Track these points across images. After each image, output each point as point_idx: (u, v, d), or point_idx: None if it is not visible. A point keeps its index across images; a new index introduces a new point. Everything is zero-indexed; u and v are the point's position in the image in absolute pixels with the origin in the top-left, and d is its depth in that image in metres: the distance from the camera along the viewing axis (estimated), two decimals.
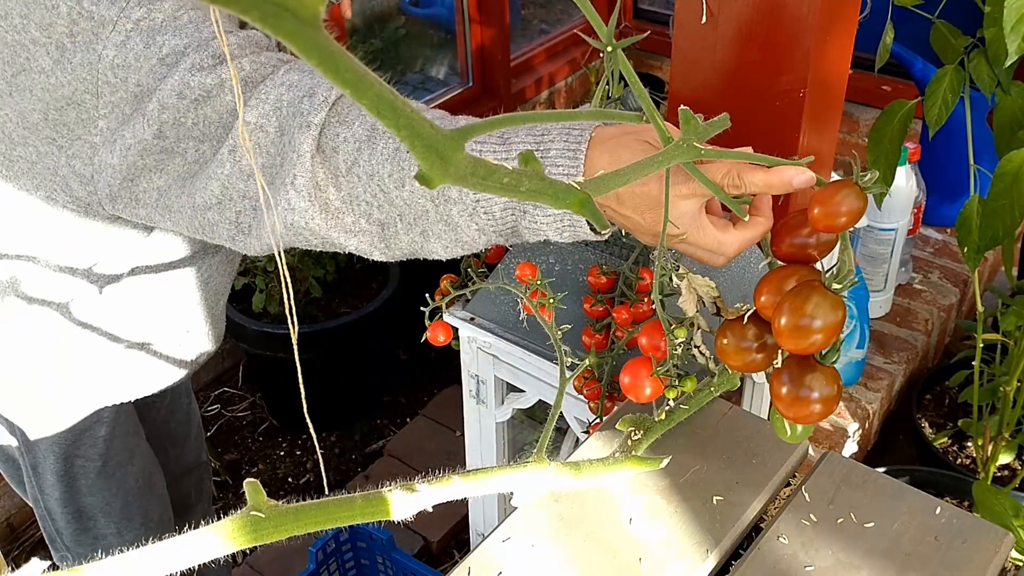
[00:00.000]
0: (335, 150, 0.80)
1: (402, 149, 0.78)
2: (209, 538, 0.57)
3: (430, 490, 0.70)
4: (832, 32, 1.23)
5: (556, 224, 0.79)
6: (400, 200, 0.80)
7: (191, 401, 1.54)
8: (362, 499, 0.67)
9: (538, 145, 0.77)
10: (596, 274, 1.13)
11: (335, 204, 0.82)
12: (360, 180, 0.81)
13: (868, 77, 2.22)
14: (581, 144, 0.76)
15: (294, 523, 0.64)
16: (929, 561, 0.80)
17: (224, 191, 0.84)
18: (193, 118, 0.82)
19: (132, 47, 0.82)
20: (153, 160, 0.85)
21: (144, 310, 1.17)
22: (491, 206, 0.78)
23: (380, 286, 2.26)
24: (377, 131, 0.79)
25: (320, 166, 0.80)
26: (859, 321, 1.94)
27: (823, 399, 0.70)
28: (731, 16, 1.23)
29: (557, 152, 0.76)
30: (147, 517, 1.31)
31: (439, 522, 2.01)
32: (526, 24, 3.56)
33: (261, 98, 0.81)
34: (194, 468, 1.57)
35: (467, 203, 0.79)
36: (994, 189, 1.41)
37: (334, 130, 0.80)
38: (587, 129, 0.77)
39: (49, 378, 1.14)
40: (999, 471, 1.92)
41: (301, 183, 0.80)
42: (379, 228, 0.83)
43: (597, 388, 1.10)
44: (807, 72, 1.22)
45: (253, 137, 0.81)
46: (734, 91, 1.27)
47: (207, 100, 0.82)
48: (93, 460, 1.21)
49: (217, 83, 0.81)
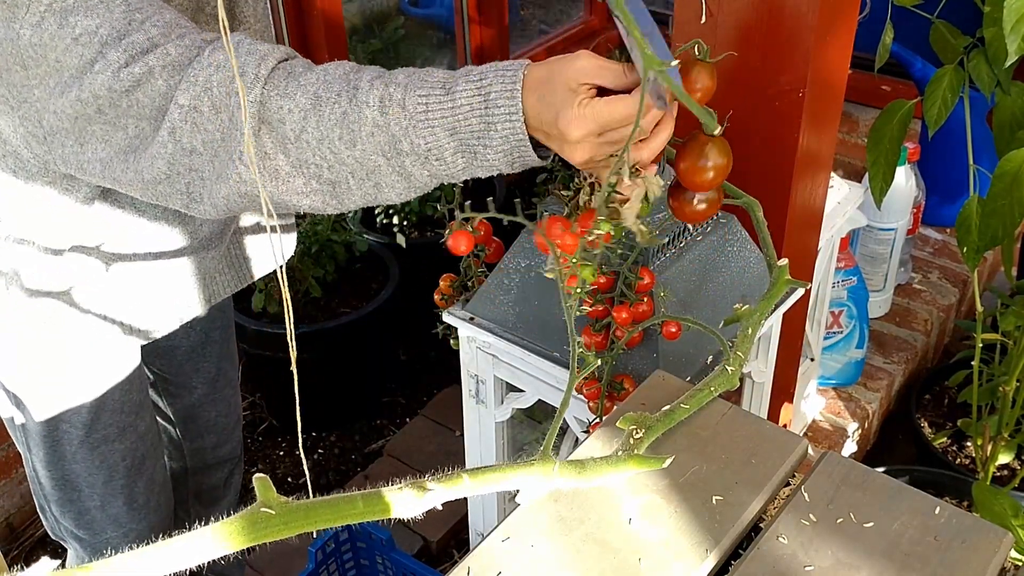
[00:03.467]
0: (281, 121, 0.84)
1: (349, 113, 0.83)
2: (220, 534, 0.57)
3: (441, 488, 0.70)
4: (832, 32, 1.23)
5: (507, 157, 0.83)
6: (352, 159, 0.85)
7: (235, 393, 1.57)
8: (370, 497, 0.67)
9: (479, 90, 0.81)
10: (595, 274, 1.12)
11: (285, 170, 0.86)
12: (309, 145, 0.85)
13: (867, 77, 2.22)
14: (516, 84, 0.81)
15: (304, 520, 0.64)
16: (928, 561, 0.80)
17: (171, 167, 0.89)
18: (127, 102, 0.87)
19: (47, 27, 0.86)
20: (100, 129, 0.89)
21: (132, 275, 1.18)
22: (442, 152, 0.83)
23: (380, 286, 2.26)
24: (321, 99, 0.84)
25: (267, 136, 0.85)
26: (859, 321, 1.95)
27: (716, 167, 0.84)
28: (731, 16, 1.23)
29: (497, 94, 0.81)
30: (131, 498, 1.32)
31: (439, 522, 2.01)
32: (525, 24, 3.56)
33: (191, 80, 0.85)
34: (227, 460, 1.60)
35: (419, 153, 0.83)
36: (994, 189, 1.41)
37: (276, 103, 0.84)
38: (519, 69, 0.81)
39: (33, 347, 1.17)
40: (998, 471, 1.92)
41: (246, 157, 0.85)
42: (330, 187, 0.88)
43: (597, 388, 1.10)
44: (806, 72, 1.22)
45: (189, 118, 0.86)
46: (734, 91, 1.27)
47: (138, 87, 0.86)
48: (76, 427, 1.23)
49: (145, 71, 0.86)
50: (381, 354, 2.32)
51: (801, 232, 1.42)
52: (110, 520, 1.32)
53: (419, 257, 2.38)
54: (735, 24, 1.23)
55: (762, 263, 1.23)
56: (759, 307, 1.02)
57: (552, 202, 1.23)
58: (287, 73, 0.85)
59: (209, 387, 1.49)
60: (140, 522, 1.34)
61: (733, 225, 1.26)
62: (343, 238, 2.25)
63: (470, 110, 0.81)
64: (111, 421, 1.25)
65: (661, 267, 1.17)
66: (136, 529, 1.34)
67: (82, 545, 1.34)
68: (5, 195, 1.04)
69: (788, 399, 1.65)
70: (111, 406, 1.24)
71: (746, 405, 1.44)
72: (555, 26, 3.18)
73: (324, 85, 0.84)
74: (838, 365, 1.99)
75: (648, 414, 0.90)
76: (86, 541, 1.33)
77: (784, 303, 1.26)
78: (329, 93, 0.84)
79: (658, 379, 1.01)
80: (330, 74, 0.85)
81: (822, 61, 1.24)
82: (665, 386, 1.00)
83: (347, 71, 0.86)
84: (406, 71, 0.85)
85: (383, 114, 0.82)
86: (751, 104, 1.27)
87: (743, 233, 1.26)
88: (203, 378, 1.48)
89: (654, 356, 1.13)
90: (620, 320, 1.09)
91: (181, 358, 1.42)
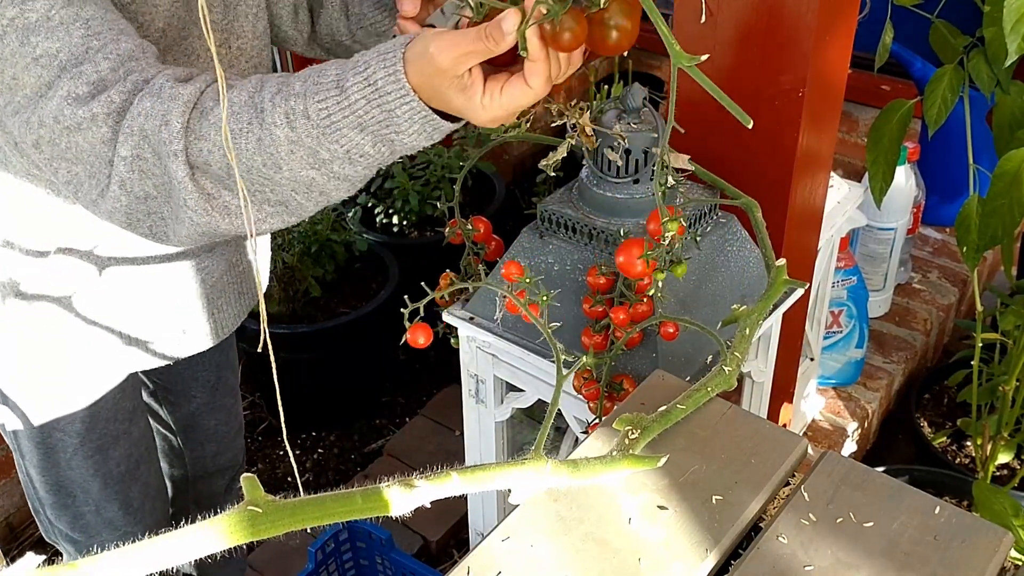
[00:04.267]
0: (208, 163, 0.84)
1: (263, 138, 0.82)
2: (207, 533, 0.57)
3: (428, 486, 0.70)
4: (831, 32, 1.23)
5: (423, 134, 0.83)
6: (285, 179, 0.84)
7: (236, 402, 1.56)
8: (360, 495, 0.67)
9: (367, 80, 0.80)
10: (595, 274, 1.13)
11: (234, 203, 0.87)
12: (244, 177, 0.85)
13: (867, 76, 2.22)
14: (398, 65, 0.80)
15: (291, 518, 0.64)
16: (928, 560, 0.80)
17: (129, 216, 0.89)
18: (66, 142, 0.87)
19: (8, 43, 0.86)
20: (43, 160, 0.90)
21: (141, 303, 1.18)
22: (362, 148, 0.82)
23: (379, 286, 2.26)
24: (233, 132, 0.84)
25: (203, 179, 0.85)
26: (858, 320, 1.95)
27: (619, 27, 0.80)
28: (731, 16, 1.23)
29: (383, 80, 0.80)
30: (126, 503, 1.32)
31: (438, 522, 2.01)
32: None
33: (127, 132, 0.85)
34: (228, 468, 1.59)
35: (341, 156, 0.83)
36: (993, 188, 1.41)
37: (196, 147, 0.84)
38: (399, 49, 0.80)
39: (37, 364, 1.16)
40: (998, 470, 1.92)
41: (192, 202, 0.85)
42: (283, 207, 0.88)
43: (596, 388, 1.10)
44: (806, 72, 1.22)
45: (135, 167, 0.86)
46: (734, 91, 1.27)
47: (78, 130, 0.86)
48: (71, 436, 1.23)
49: (88, 117, 0.85)
50: (380, 354, 2.32)
51: (801, 232, 1.42)
52: (105, 524, 1.31)
53: (419, 257, 2.38)
54: (735, 24, 1.23)
55: (762, 263, 1.23)
56: (757, 308, 1.02)
57: (552, 202, 1.23)
58: (200, 113, 0.84)
59: (209, 396, 1.49)
60: (135, 525, 1.34)
61: (732, 225, 1.26)
62: (343, 238, 2.25)
63: (367, 103, 0.80)
64: (105, 430, 1.25)
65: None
66: (132, 532, 1.34)
67: (77, 548, 1.34)
68: (1, 194, 1.04)
69: (788, 399, 1.65)
70: (105, 414, 1.24)
71: (746, 405, 1.44)
72: None
73: (233, 117, 0.83)
74: (838, 365, 1.99)
75: (644, 415, 0.90)
76: (81, 543, 1.33)
77: (783, 303, 1.26)
78: (239, 123, 0.83)
79: (657, 379, 1.01)
80: (234, 102, 0.84)
81: (822, 61, 1.24)
82: (665, 386, 1.00)
83: (251, 93, 0.84)
84: (302, 76, 0.83)
85: (293, 130, 0.81)
86: (751, 104, 1.27)
87: (743, 233, 1.26)
88: (202, 387, 1.47)
89: (653, 356, 1.13)
90: (618, 321, 1.09)
91: (179, 367, 1.42)
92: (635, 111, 1.16)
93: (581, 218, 1.19)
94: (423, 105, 0.80)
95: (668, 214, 1.01)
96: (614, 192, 1.17)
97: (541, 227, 1.24)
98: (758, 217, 1.15)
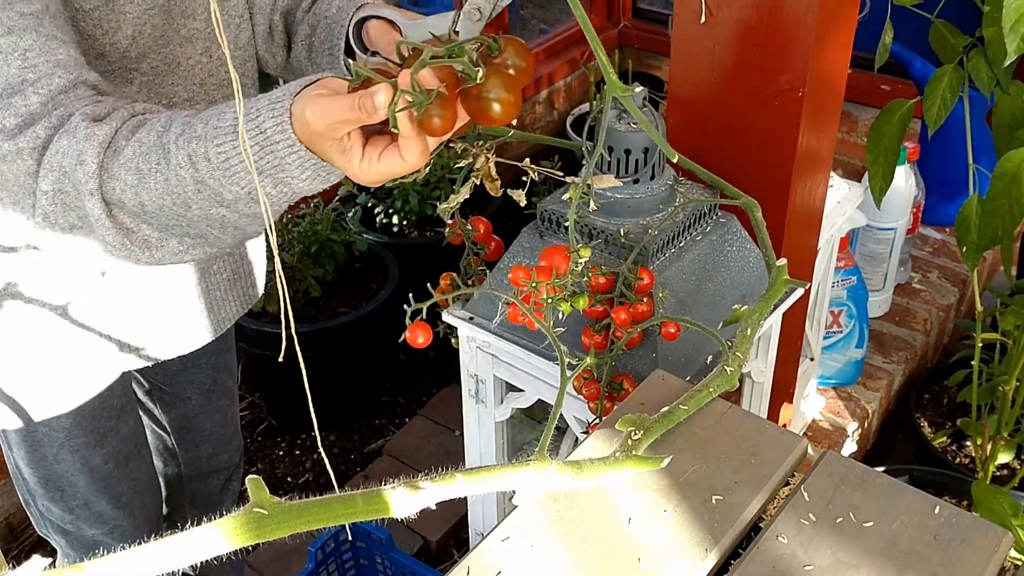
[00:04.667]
0: (121, 201, 0.85)
1: (170, 179, 0.83)
2: (212, 535, 0.57)
3: (433, 488, 0.70)
4: (831, 32, 1.23)
5: (316, 180, 0.83)
6: (196, 216, 0.85)
7: (232, 404, 1.56)
8: (365, 496, 0.67)
9: (257, 127, 0.80)
10: (595, 274, 1.13)
11: (155, 237, 0.88)
12: (157, 214, 0.86)
13: (867, 76, 2.22)
14: (284, 116, 0.80)
15: (297, 520, 0.64)
16: (928, 560, 0.80)
17: (64, 246, 0.90)
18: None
19: None
20: None
21: (136, 303, 1.18)
22: (264, 188, 0.83)
23: (379, 286, 2.26)
24: (143, 171, 0.84)
25: (121, 215, 0.86)
26: (858, 320, 1.95)
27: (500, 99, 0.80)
28: (731, 16, 1.23)
29: (271, 129, 0.80)
30: (115, 497, 1.32)
31: (438, 522, 2.01)
32: (525, 24, 3.57)
33: (47, 167, 0.86)
34: (224, 468, 1.59)
35: (243, 197, 0.83)
36: (993, 188, 1.41)
37: (110, 186, 0.85)
38: (286, 100, 0.80)
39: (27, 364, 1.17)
40: (998, 470, 1.92)
41: (110, 238, 0.87)
42: (202, 240, 0.89)
43: (596, 388, 1.10)
44: (806, 72, 1.22)
45: (57, 200, 0.87)
46: (733, 91, 1.27)
47: (3, 161, 0.87)
48: (58, 431, 1.23)
49: (14, 150, 0.86)
50: (380, 354, 2.32)
51: (801, 231, 1.42)
52: (95, 517, 1.31)
53: (419, 257, 2.38)
54: (735, 24, 1.23)
55: (762, 263, 1.23)
56: (758, 308, 1.02)
57: (552, 202, 1.23)
58: (113, 152, 0.85)
59: (204, 398, 1.48)
60: (126, 519, 1.34)
61: (732, 225, 1.26)
62: (343, 238, 2.25)
63: (260, 149, 0.80)
64: (92, 427, 1.25)
65: (660, 267, 1.17)
66: (122, 526, 1.34)
67: (67, 539, 1.34)
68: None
69: (788, 399, 1.65)
70: (92, 412, 1.24)
71: (746, 405, 1.44)
72: (555, 26, 3.18)
73: (142, 157, 0.84)
74: (838, 365, 1.99)
75: (646, 416, 0.90)
76: (72, 535, 1.33)
77: (783, 303, 1.26)
78: (148, 164, 0.84)
79: (658, 379, 1.01)
80: (143, 143, 0.85)
81: (822, 61, 1.24)
82: (665, 386, 1.00)
83: (159, 133, 0.85)
84: (204, 118, 0.84)
85: (197, 171, 0.82)
86: (751, 104, 1.27)
87: (743, 233, 1.26)
88: (197, 389, 1.47)
89: (653, 356, 1.13)
90: (619, 321, 1.09)
91: (175, 368, 1.42)
92: None
93: (581, 218, 1.19)
94: (311, 155, 0.80)
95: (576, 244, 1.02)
96: (613, 192, 1.17)
97: (541, 227, 1.24)
98: (758, 217, 1.15)
